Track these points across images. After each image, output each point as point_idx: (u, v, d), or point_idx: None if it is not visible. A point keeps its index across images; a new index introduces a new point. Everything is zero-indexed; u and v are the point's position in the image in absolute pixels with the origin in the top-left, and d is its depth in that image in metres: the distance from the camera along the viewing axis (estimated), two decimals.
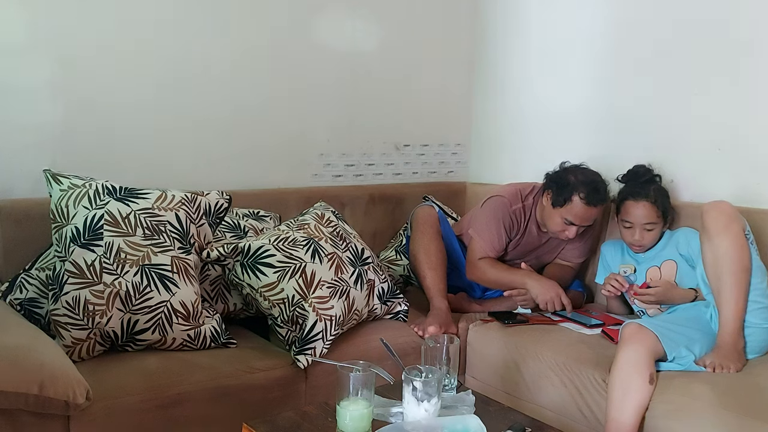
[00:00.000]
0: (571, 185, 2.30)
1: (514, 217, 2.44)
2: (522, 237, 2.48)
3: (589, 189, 2.28)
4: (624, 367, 1.80)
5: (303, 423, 1.48)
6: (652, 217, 2.21)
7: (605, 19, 2.73)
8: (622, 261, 2.34)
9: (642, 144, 2.59)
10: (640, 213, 2.21)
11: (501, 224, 2.42)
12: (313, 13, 2.74)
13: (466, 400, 1.58)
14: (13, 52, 2.15)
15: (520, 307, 2.40)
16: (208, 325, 1.92)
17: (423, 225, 2.45)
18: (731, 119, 2.33)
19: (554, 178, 2.37)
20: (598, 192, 2.29)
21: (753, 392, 1.73)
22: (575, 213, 2.30)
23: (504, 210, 2.44)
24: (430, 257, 2.39)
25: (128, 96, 2.36)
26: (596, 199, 2.28)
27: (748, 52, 2.28)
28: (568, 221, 2.32)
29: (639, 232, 2.21)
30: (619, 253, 2.37)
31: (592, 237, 2.54)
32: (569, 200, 2.30)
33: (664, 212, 2.23)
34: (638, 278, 2.26)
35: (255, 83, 2.63)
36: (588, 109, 2.80)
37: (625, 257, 2.35)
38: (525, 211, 2.46)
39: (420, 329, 2.20)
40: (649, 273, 2.23)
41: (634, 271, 2.28)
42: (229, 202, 2.08)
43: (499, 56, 3.14)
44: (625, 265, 2.32)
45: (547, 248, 2.54)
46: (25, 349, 1.54)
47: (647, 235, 2.22)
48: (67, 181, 1.88)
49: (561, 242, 2.49)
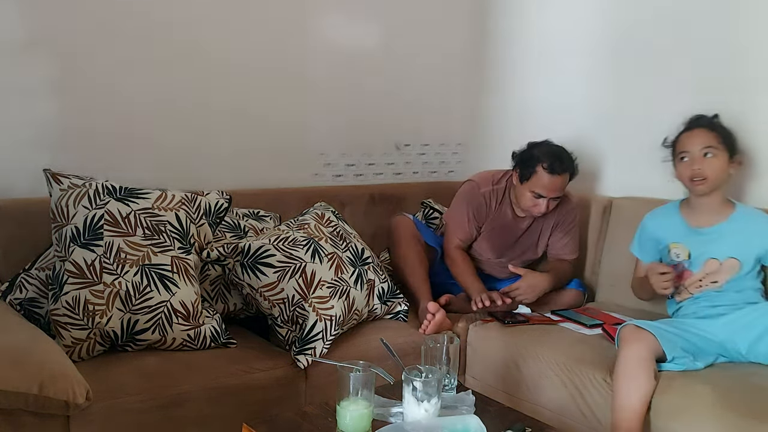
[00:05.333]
0: (535, 158, 2.35)
1: (483, 199, 2.49)
2: (495, 221, 2.50)
3: (551, 158, 2.32)
4: (629, 361, 1.80)
5: (303, 423, 1.48)
6: (710, 140, 1.94)
7: (605, 18, 2.73)
8: (676, 238, 2.05)
9: (642, 144, 2.59)
10: (696, 140, 1.97)
11: (468, 207, 2.48)
12: (313, 13, 2.74)
13: (466, 400, 1.58)
14: (13, 50, 2.15)
15: (520, 307, 2.40)
16: (208, 325, 1.92)
17: (398, 236, 2.47)
18: (732, 118, 2.33)
19: (519, 155, 2.43)
20: (561, 161, 2.34)
21: (753, 392, 1.73)
22: (542, 184, 2.33)
23: (473, 193, 2.50)
24: (408, 264, 2.42)
25: (128, 96, 2.36)
26: (560, 168, 2.32)
27: (743, 51, 2.28)
28: (536, 194, 2.35)
29: (699, 160, 1.96)
30: (669, 225, 2.08)
31: (576, 231, 2.56)
32: (534, 172, 2.34)
33: (725, 138, 1.96)
34: (693, 266, 2.01)
35: (255, 83, 2.63)
36: (588, 109, 2.80)
37: (678, 232, 2.04)
38: (496, 193, 2.50)
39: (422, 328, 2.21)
40: (708, 266, 1.99)
41: (689, 257, 2.01)
42: (229, 202, 2.08)
43: (500, 55, 3.14)
44: (678, 246, 2.03)
45: (528, 241, 2.54)
46: (25, 349, 1.54)
47: (708, 162, 1.94)
48: (67, 180, 1.88)
49: (542, 236, 2.52)
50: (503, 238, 2.53)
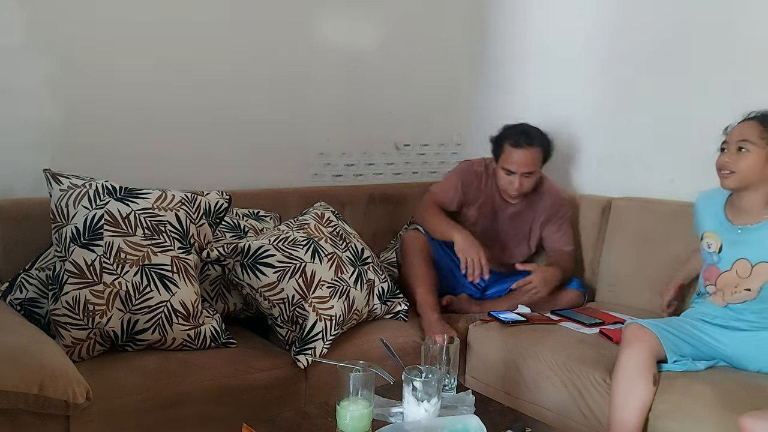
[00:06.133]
0: (503, 137, 2.45)
1: (475, 175, 2.56)
2: (485, 205, 2.55)
3: (517, 134, 2.41)
4: (627, 368, 1.80)
5: (303, 423, 1.47)
6: (750, 135, 1.83)
7: (606, 19, 2.73)
8: (712, 227, 1.95)
9: (642, 144, 2.59)
10: (736, 132, 1.87)
11: (458, 178, 2.55)
12: (313, 13, 2.74)
13: (466, 400, 1.58)
14: (13, 51, 2.15)
15: (519, 306, 2.40)
16: (208, 325, 1.92)
17: (410, 254, 2.43)
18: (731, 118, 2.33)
19: (493, 138, 2.51)
20: (526, 135, 2.41)
21: (753, 392, 1.73)
22: (510, 159, 2.40)
23: (466, 168, 2.58)
24: (417, 279, 2.36)
25: (128, 96, 2.36)
26: (525, 141, 2.39)
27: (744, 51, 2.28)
28: (507, 170, 2.42)
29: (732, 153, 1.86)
30: (712, 212, 1.96)
31: (569, 224, 2.60)
32: (503, 150, 2.43)
33: None
34: (722, 262, 1.91)
35: (255, 83, 2.63)
36: (588, 109, 2.80)
37: (716, 221, 1.94)
38: (487, 174, 2.56)
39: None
40: (737, 266, 1.87)
41: (719, 251, 1.91)
42: (229, 202, 2.08)
43: (500, 55, 3.14)
44: (711, 235, 1.93)
45: (519, 232, 2.58)
46: (25, 349, 1.54)
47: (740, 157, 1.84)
48: (67, 181, 1.88)
49: (534, 229, 2.57)
50: (493, 223, 2.56)
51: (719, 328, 1.91)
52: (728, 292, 1.89)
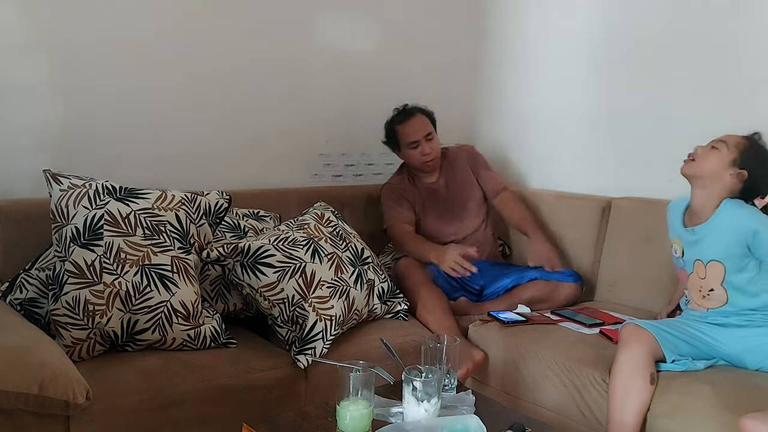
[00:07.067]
0: (389, 128, 2.66)
1: (398, 187, 2.70)
2: (419, 195, 2.68)
3: (397, 115, 2.65)
4: (624, 368, 1.80)
5: (303, 423, 1.48)
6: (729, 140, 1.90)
7: (605, 20, 2.73)
8: (675, 233, 2.02)
9: (642, 144, 2.59)
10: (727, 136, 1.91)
11: (395, 199, 2.66)
12: (313, 13, 2.74)
13: (466, 400, 1.58)
14: (13, 51, 2.15)
15: (519, 306, 2.40)
16: (208, 325, 1.92)
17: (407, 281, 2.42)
18: (731, 118, 2.33)
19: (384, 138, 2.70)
20: (404, 109, 2.65)
21: (753, 392, 1.73)
22: (406, 132, 2.61)
23: (390, 188, 2.72)
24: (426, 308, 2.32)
25: (128, 96, 2.36)
26: (406, 114, 2.63)
27: (744, 51, 2.29)
28: (411, 145, 2.60)
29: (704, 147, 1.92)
30: (675, 218, 2.03)
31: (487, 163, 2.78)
32: (396, 134, 2.63)
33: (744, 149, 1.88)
34: (686, 265, 1.97)
35: (255, 83, 2.63)
36: (588, 110, 2.80)
37: (677, 226, 2.00)
38: (404, 178, 2.73)
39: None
40: (696, 267, 1.94)
41: (682, 255, 1.98)
42: (229, 202, 2.08)
43: (500, 56, 3.14)
44: (675, 240, 2.00)
45: (463, 196, 2.69)
46: (25, 349, 1.54)
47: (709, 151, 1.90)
48: (67, 181, 1.88)
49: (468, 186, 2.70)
50: (438, 205, 2.68)
51: (716, 326, 1.91)
52: (698, 297, 1.95)
